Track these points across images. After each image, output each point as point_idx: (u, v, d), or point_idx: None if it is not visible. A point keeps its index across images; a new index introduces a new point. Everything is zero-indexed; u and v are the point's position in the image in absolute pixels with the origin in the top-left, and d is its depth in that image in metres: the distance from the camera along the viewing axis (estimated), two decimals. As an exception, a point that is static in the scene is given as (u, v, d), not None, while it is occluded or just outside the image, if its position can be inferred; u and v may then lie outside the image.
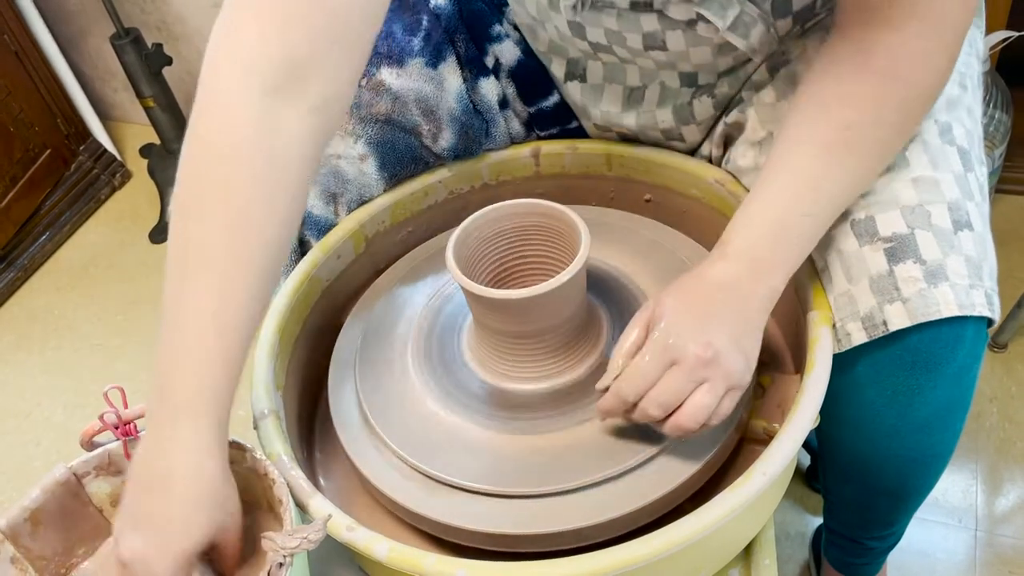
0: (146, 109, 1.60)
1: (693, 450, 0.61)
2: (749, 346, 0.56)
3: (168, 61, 1.56)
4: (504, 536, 0.59)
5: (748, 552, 0.69)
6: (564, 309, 0.64)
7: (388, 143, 0.79)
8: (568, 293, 0.62)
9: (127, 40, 1.51)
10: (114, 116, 1.94)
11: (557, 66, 0.80)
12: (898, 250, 0.60)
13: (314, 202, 0.79)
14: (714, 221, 0.77)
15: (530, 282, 0.69)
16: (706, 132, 0.78)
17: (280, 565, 0.51)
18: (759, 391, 0.69)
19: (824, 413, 0.63)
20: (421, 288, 0.76)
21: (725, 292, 0.56)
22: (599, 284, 0.72)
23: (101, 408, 0.60)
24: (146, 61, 1.53)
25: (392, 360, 0.70)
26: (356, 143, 0.78)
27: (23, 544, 0.59)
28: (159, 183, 1.68)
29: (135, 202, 1.76)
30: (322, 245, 0.78)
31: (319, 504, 0.58)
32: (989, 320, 0.60)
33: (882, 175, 0.62)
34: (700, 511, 0.53)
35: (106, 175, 1.77)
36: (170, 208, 0.53)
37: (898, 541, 0.87)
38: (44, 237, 1.65)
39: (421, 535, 0.65)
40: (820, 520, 1.05)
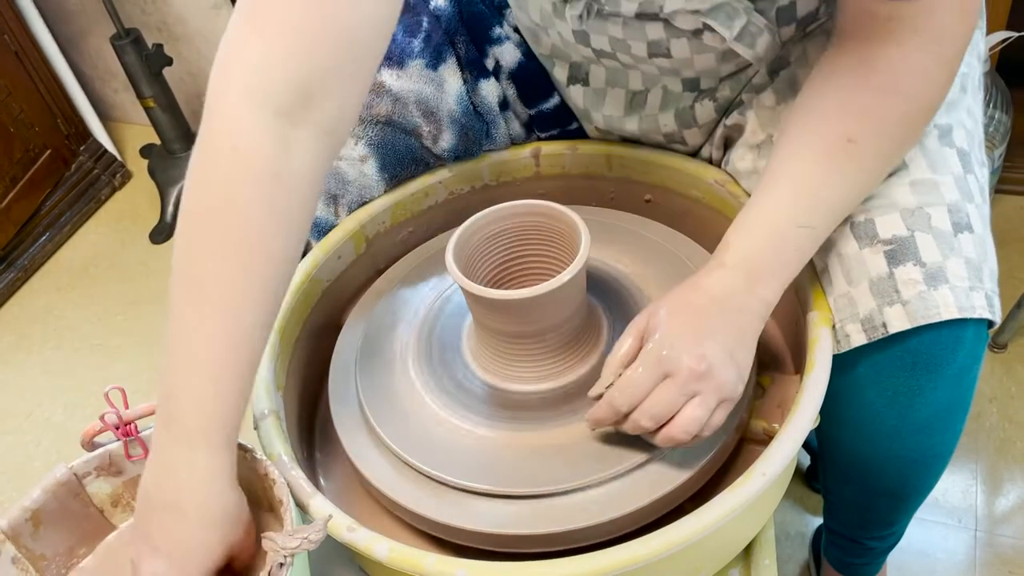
0: (146, 109, 1.61)
1: (693, 451, 0.61)
2: (742, 358, 0.56)
3: (168, 62, 1.56)
4: (504, 536, 0.59)
5: (748, 552, 0.69)
6: (564, 309, 0.64)
7: (388, 144, 0.79)
8: (568, 294, 0.62)
9: (127, 40, 1.51)
10: (114, 116, 1.94)
11: (559, 70, 0.79)
12: (898, 252, 0.60)
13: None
14: (714, 222, 0.77)
15: (530, 283, 0.69)
16: (707, 135, 0.78)
17: (281, 565, 0.51)
18: (759, 391, 0.69)
19: (824, 414, 0.63)
20: (421, 289, 0.76)
21: (720, 304, 0.56)
22: (599, 285, 0.72)
23: (101, 408, 0.60)
24: (146, 61, 1.53)
25: (392, 360, 0.70)
26: (357, 144, 0.78)
27: (24, 544, 0.59)
28: (159, 183, 1.68)
29: (135, 202, 1.76)
30: (323, 245, 0.78)
31: (319, 504, 0.58)
32: (990, 322, 0.60)
33: None
34: (700, 511, 0.53)
35: (106, 175, 1.77)
36: (178, 229, 0.53)
37: (898, 541, 0.87)
38: (44, 237, 1.65)
39: (421, 535, 0.65)
40: (820, 520, 1.05)
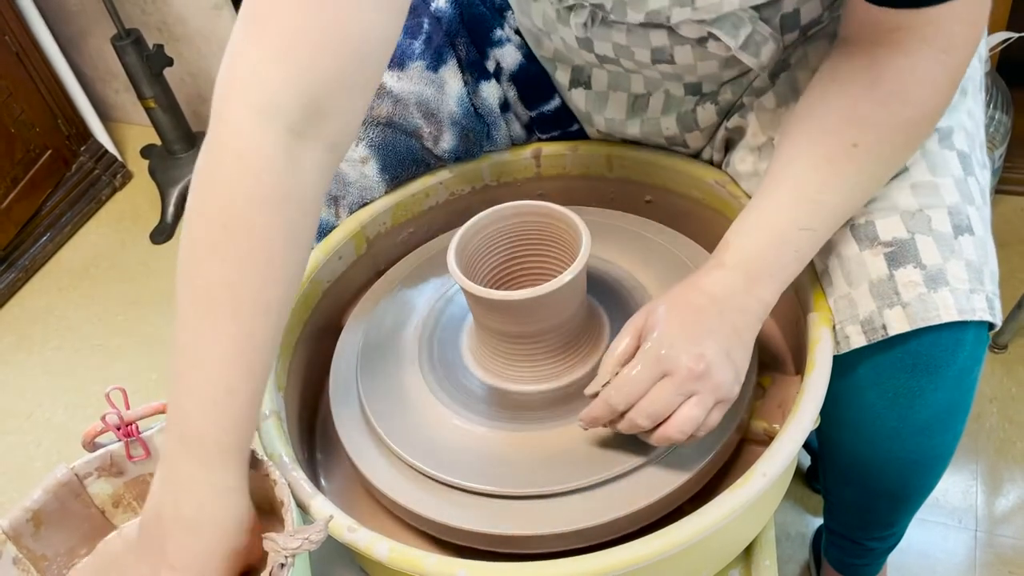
0: (147, 110, 1.61)
1: (693, 451, 0.61)
2: (739, 359, 0.56)
3: (169, 62, 1.56)
4: (505, 537, 0.59)
5: (748, 553, 0.69)
6: (565, 310, 0.64)
7: (389, 146, 0.79)
8: (569, 294, 0.62)
9: (128, 41, 1.51)
10: (115, 117, 1.94)
11: (561, 73, 0.79)
12: (898, 255, 0.60)
13: None
14: (714, 222, 0.77)
15: (531, 283, 0.69)
16: (709, 138, 0.78)
17: (282, 566, 0.51)
18: (759, 392, 0.69)
19: (824, 415, 0.63)
20: (422, 289, 0.76)
21: (719, 304, 0.56)
22: (599, 285, 0.72)
23: (102, 408, 0.60)
24: (147, 62, 1.53)
25: (393, 361, 0.70)
26: (357, 146, 0.78)
27: (25, 545, 0.59)
28: (160, 184, 1.68)
29: (136, 203, 1.76)
30: (323, 246, 0.78)
31: (320, 505, 0.58)
32: (990, 324, 0.60)
33: None
34: (700, 512, 0.53)
35: (107, 176, 1.77)
36: (187, 243, 0.53)
37: (898, 542, 0.87)
38: (45, 238, 1.65)
39: (422, 536, 0.65)
40: (820, 521, 1.05)
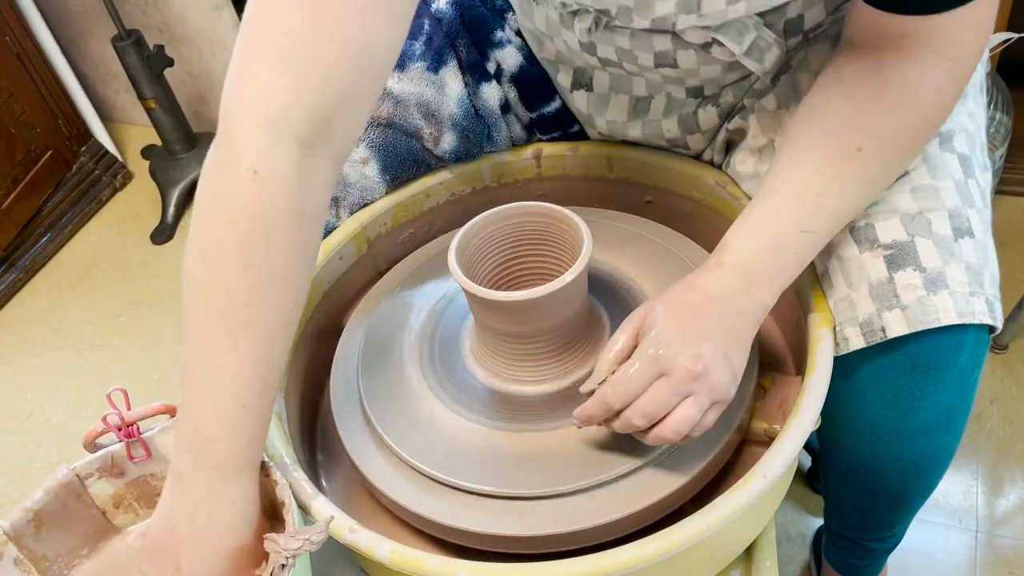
0: (148, 111, 1.61)
1: (694, 452, 0.61)
2: (736, 360, 0.56)
3: (170, 63, 1.56)
4: (506, 538, 0.59)
5: (749, 553, 0.69)
6: (565, 311, 0.64)
7: (390, 146, 0.79)
8: (570, 295, 0.62)
9: (129, 42, 1.51)
10: (115, 117, 1.94)
11: (563, 75, 0.79)
12: (898, 257, 0.60)
13: None
14: (715, 223, 0.77)
15: (532, 284, 0.69)
16: (710, 140, 0.78)
17: (283, 566, 0.51)
18: (760, 392, 0.69)
19: (825, 416, 0.63)
20: (423, 290, 0.76)
21: (718, 305, 0.56)
22: (600, 286, 0.72)
23: (103, 409, 0.60)
24: (147, 63, 1.53)
25: (394, 361, 0.70)
26: (358, 147, 0.78)
27: (26, 545, 0.59)
28: (161, 184, 1.68)
29: (136, 203, 1.76)
30: (324, 247, 0.78)
31: (321, 506, 0.58)
32: (991, 327, 0.60)
33: None
34: (701, 513, 0.53)
35: (107, 176, 1.77)
36: (196, 254, 0.53)
37: (899, 542, 0.87)
38: (45, 238, 1.65)
39: (423, 537, 0.65)
40: (821, 521, 1.05)
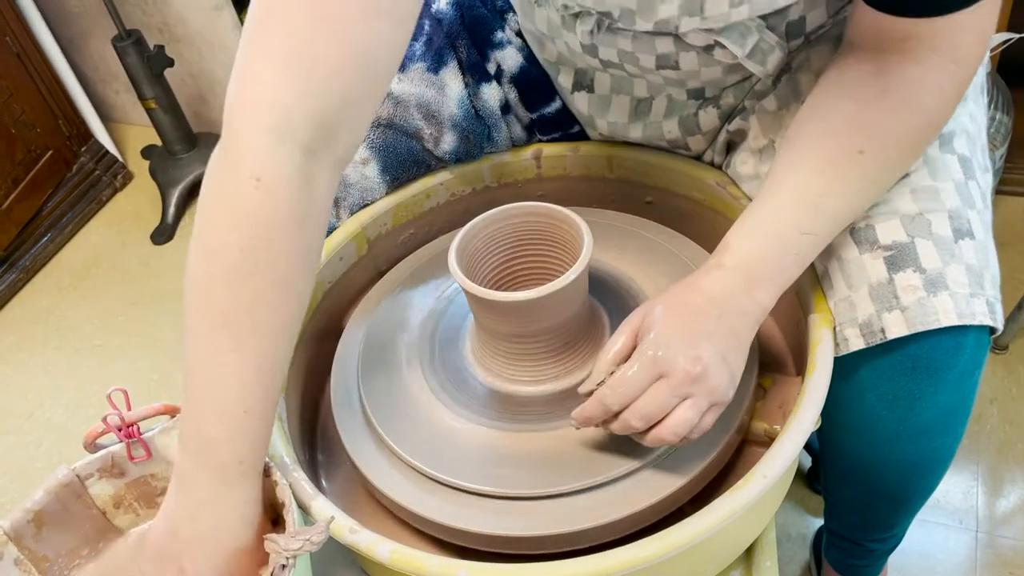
0: (148, 111, 1.61)
1: (694, 453, 0.61)
2: (735, 362, 0.56)
3: (170, 63, 1.56)
4: (506, 538, 0.59)
5: (749, 554, 0.69)
6: (566, 311, 0.64)
7: (390, 147, 0.79)
8: (570, 295, 0.62)
9: (129, 42, 1.51)
10: (116, 118, 1.94)
11: (564, 76, 0.79)
12: (898, 258, 0.60)
13: None
14: (715, 223, 0.77)
15: (532, 284, 0.69)
16: (711, 141, 0.78)
17: (283, 567, 0.51)
18: (760, 393, 0.69)
19: (825, 417, 0.63)
20: (423, 290, 0.76)
21: (717, 306, 0.56)
22: (600, 286, 0.72)
23: (103, 409, 0.60)
24: (148, 63, 1.53)
25: (394, 362, 0.70)
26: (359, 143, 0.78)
27: (27, 545, 0.59)
28: (161, 184, 1.68)
29: (137, 203, 1.76)
30: (324, 247, 0.78)
31: (321, 506, 0.58)
32: (992, 328, 0.60)
33: None
34: (701, 513, 0.53)
35: (108, 176, 1.77)
36: (199, 258, 0.53)
37: (899, 543, 0.87)
38: (46, 238, 1.65)
39: (423, 537, 0.65)
40: (821, 522, 1.05)
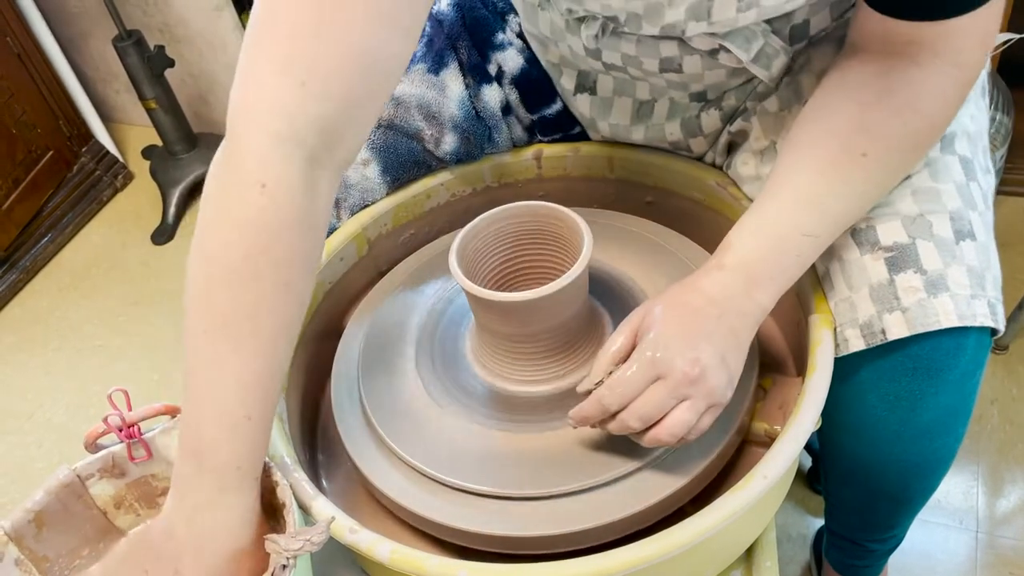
0: (148, 111, 1.61)
1: (695, 453, 0.61)
2: (734, 363, 0.56)
3: (170, 63, 1.56)
4: (507, 538, 0.59)
5: (750, 554, 0.69)
6: (566, 311, 0.64)
7: (391, 148, 0.79)
8: (570, 295, 0.62)
9: (129, 42, 1.51)
10: (116, 118, 1.94)
11: (567, 78, 0.79)
12: (899, 259, 0.60)
13: None
14: (715, 223, 0.77)
15: (532, 284, 0.69)
16: (712, 143, 0.78)
17: (283, 567, 0.51)
18: (761, 394, 0.69)
19: (826, 418, 0.63)
20: (423, 290, 0.76)
21: (717, 307, 0.56)
22: (601, 286, 0.72)
23: (103, 409, 0.60)
24: (148, 63, 1.53)
25: (395, 362, 0.70)
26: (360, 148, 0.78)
27: (27, 546, 0.59)
28: (161, 185, 1.68)
29: (137, 203, 1.76)
30: (324, 248, 0.78)
31: (322, 506, 0.58)
32: (993, 329, 0.60)
33: None
34: (702, 514, 0.53)
35: (108, 176, 1.77)
36: (200, 261, 0.52)
37: (899, 543, 0.87)
38: (46, 239, 1.65)
39: (423, 537, 0.65)
40: (821, 522, 1.05)
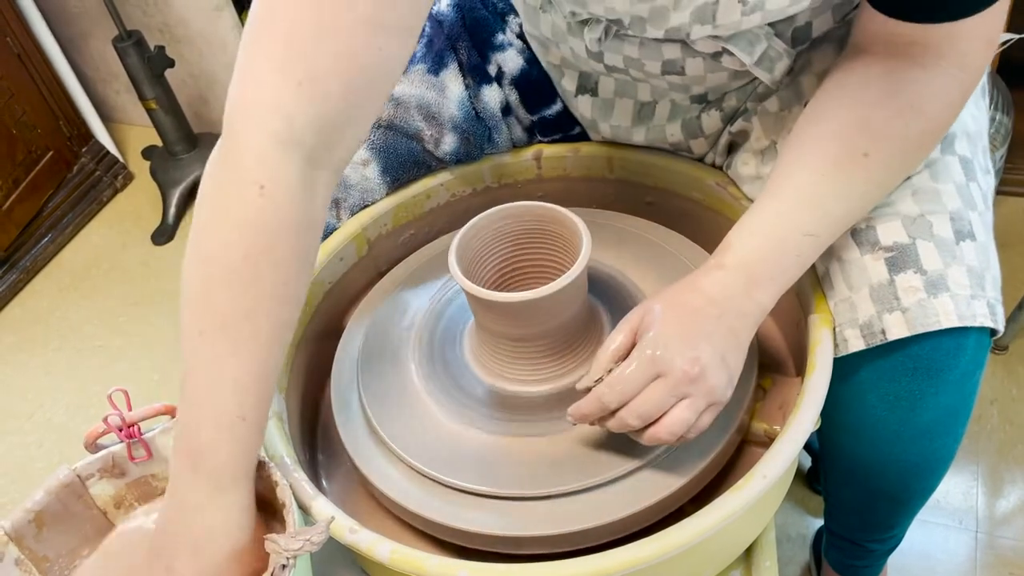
0: (148, 111, 1.61)
1: (694, 453, 0.61)
2: (734, 363, 0.56)
3: (170, 63, 1.56)
4: (506, 538, 0.59)
5: (749, 554, 0.69)
6: (565, 311, 0.64)
7: (390, 148, 0.79)
8: (569, 295, 0.62)
9: (129, 42, 1.51)
10: (116, 118, 1.94)
11: (568, 80, 0.79)
12: (899, 260, 0.60)
13: None
14: (715, 223, 0.77)
15: (532, 284, 0.69)
16: (713, 144, 0.78)
17: (283, 567, 0.51)
18: (760, 393, 0.69)
19: (825, 418, 0.63)
20: (423, 290, 0.76)
21: (717, 306, 0.56)
22: (600, 286, 0.72)
23: (103, 409, 0.60)
24: (148, 63, 1.53)
25: (394, 362, 0.70)
26: (359, 148, 0.78)
27: (27, 546, 0.59)
28: (161, 185, 1.68)
29: (137, 204, 1.76)
30: (325, 248, 0.78)
31: (322, 506, 0.58)
32: (993, 330, 0.60)
33: None
34: (701, 513, 0.53)
35: (108, 177, 1.77)
36: (195, 260, 0.53)
37: (899, 543, 0.87)
38: (46, 239, 1.65)
39: (423, 537, 0.65)
40: (821, 522, 1.05)
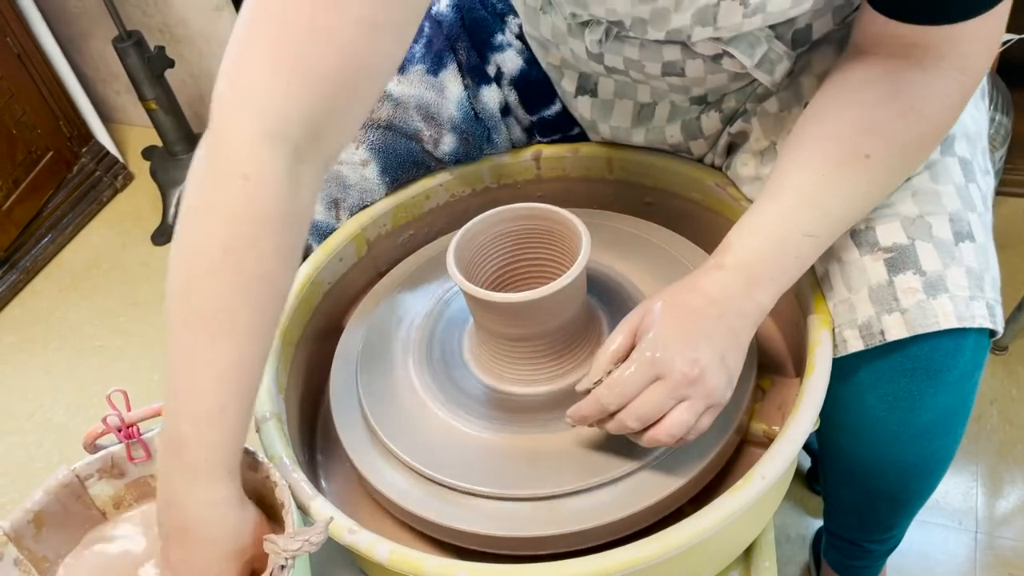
0: (148, 111, 1.61)
1: (693, 454, 0.61)
2: (733, 364, 0.56)
3: (170, 64, 1.56)
4: (505, 538, 0.59)
5: (748, 554, 0.69)
6: (564, 312, 0.64)
7: (390, 148, 0.79)
8: (568, 296, 0.62)
9: (129, 43, 1.51)
10: (116, 118, 1.94)
11: (568, 81, 0.79)
12: (898, 261, 0.60)
13: (316, 208, 0.79)
14: (714, 224, 0.77)
15: (531, 285, 0.69)
16: (712, 145, 0.78)
17: (282, 567, 0.51)
18: (759, 394, 0.69)
19: (825, 418, 0.63)
20: (422, 291, 0.76)
21: (717, 307, 0.56)
22: (599, 287, 0.72)
23: (103, 409, 0.60)
24: (148, 64, 1.53)
25: (393, 362, 0.70)
26: (358, 149, 0.78)
27: (26, 546, 0.59)
28: (161, 185, 1.68)
29: (137, 204, 1.76)
30: (324, 248, 0.78)
31: (321, 506, 0.58)
32: (992, 330, 0.60)
33: None
34: (700, 514, 0.53)
35: (108, 177, 1.77)
36: (182, 254, 0.53)
37: (898, 544, 0.87)
38: (46, 239, 1.65)
39: (422, 537, 0.65)
40: (820, 522, 1.05)
